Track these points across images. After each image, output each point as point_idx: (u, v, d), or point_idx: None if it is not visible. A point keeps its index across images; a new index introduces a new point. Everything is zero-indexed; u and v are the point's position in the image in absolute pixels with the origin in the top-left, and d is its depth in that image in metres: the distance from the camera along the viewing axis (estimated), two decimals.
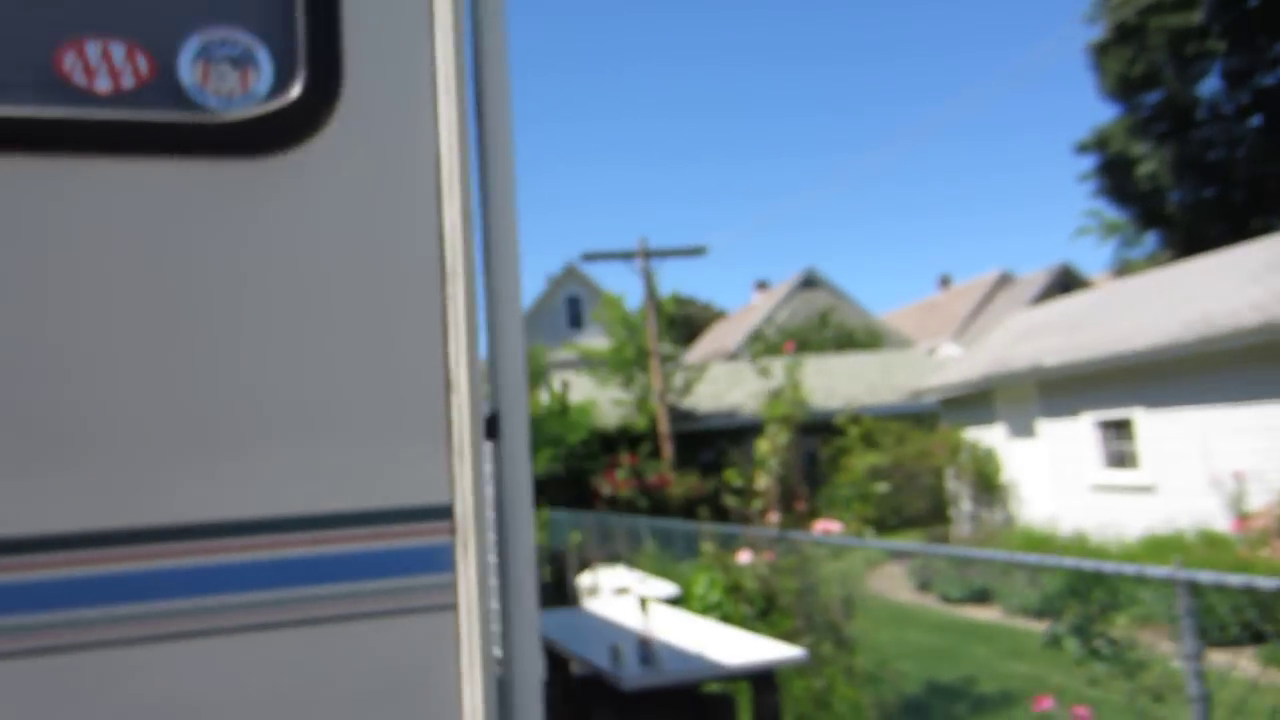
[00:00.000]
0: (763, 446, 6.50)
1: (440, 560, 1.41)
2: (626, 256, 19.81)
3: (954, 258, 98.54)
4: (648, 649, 4.55)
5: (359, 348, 1.44)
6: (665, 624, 5.62)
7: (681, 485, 18.77)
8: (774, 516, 5.87)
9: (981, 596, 10.10)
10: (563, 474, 19.93)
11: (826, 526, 5.53)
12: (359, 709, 1.36)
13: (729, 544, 6.71)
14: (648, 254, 19.75)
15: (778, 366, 6.68)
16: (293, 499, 1.37)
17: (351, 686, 1.36)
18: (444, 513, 1.43)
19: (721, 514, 8.16)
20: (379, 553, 1.40)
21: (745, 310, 41.34)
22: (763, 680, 4.78)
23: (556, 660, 6.27)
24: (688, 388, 21.05)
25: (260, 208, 1.43)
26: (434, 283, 1.47)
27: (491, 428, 1.73)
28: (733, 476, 7.18)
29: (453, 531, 1.42)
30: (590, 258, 20.34)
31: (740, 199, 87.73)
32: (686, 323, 46.55)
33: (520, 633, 1.63)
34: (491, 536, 1.72)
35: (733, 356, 29.46)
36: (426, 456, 1.43)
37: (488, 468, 1.80)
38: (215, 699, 1.32)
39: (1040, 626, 7.70)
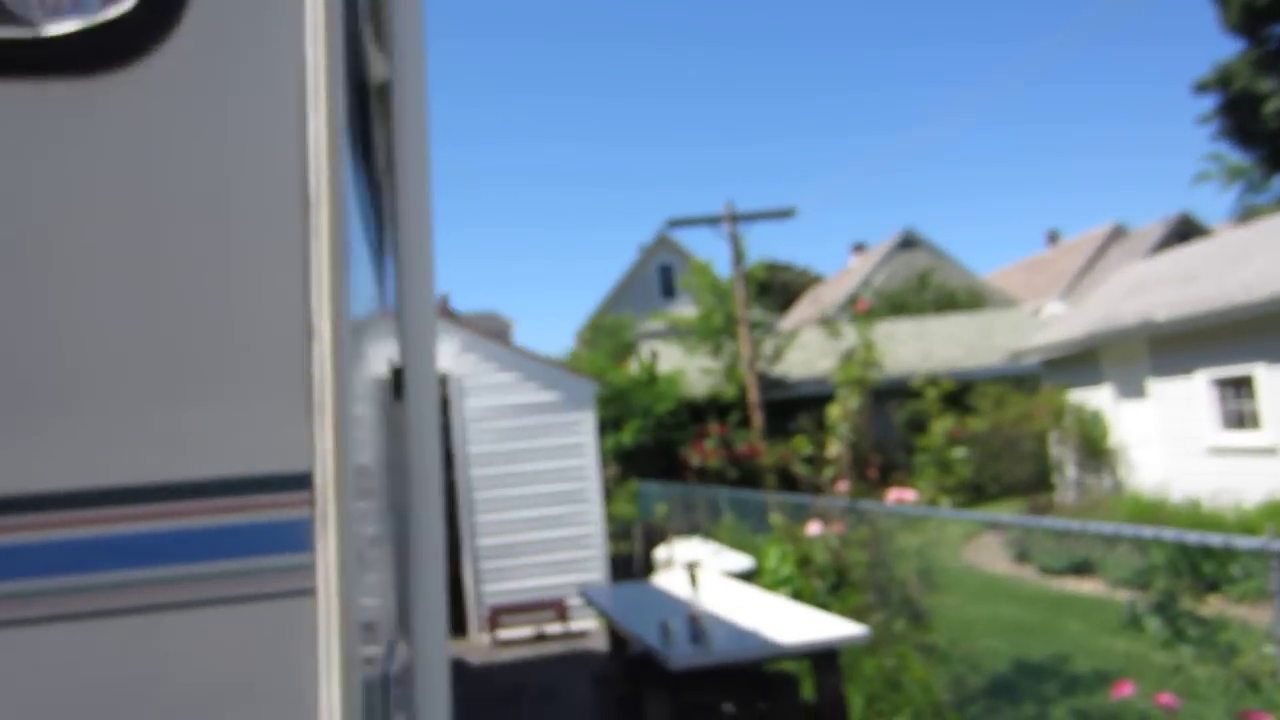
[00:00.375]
0: (834, 412, 6.15)
1: (295, 538, 1.20)
2: (713, 221, 19.41)
3: (1063, 212, 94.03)
4: (697, 627, 4.32)
5: (203, 290, 1.22)
6: (728, 599, 5.38)
7: (772, 454, 18.39)
8: (843, 486, 5.54)
9: (1083, 568, 9.51)
10: (651, 444, 19.80)
11: (900, 495, 5.17)
12: (194, 711, 1.16)
13: (800, 515, 6.41)
14: (735, 218, 19.29)
15: (859, 328, 6.37)
16: (116, 467, 1.17)
17: (185, 685, 1.16)
18: (300, 482, 1.21)
19: (793, 483, 7.85)
20: (220, 529, 1.19)
21: (842, 274, 40.36)
22: (824, 659, 4.50)
23: (618, 637, 6.11)
24: (778, 355, 20.60)
25: (91, 134, 1.23)
26: (295, 214, 1.25)
27: (397, 385, 1.52)
28: (802, 444, 6.85)
29: (311, 504, 1.20)
30: (677, 224, 20.00)
31: (837, 161, 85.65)
32: (783, 289, 45.69)
33: (426, 622, 1.42)
34: (421, 526, 1.51)
35: (829, 321, 28.71)
36: (280, 416, 1.21)
37: (385, 430, 1.58)
38: (21, 700, 1.13)
39: (1146, 601, 7.16)
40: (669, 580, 6.84)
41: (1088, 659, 6.08)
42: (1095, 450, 14.05)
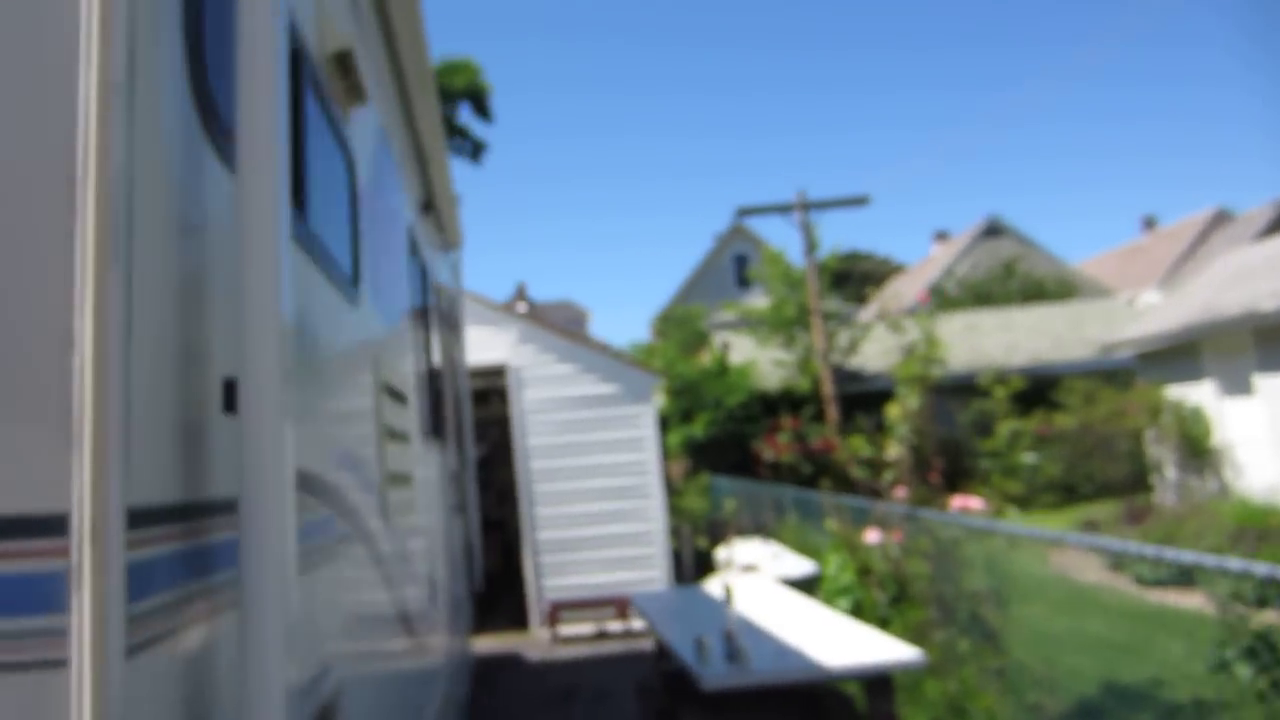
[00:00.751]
0: (892, 411, 5.66)
1: (43, 595, 0.93)
2: (784, 209, 18.83)
3: (1161, 196, 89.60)
4: (733, 644, 3.94)
5: None
6: (777, 611, 4.98)
7: (846, 450, 17.76)
8: (902, 492, 5.06)
9: (1185, 579, 8.75)
10: (722, 437, 19.33)
11: (963, 503, 4.69)
12: None
13: (859, 520, 5.94)
14: (806, 206, 18.69)
15: (920, 321, 5.82)
16: None
17: None
18: (52, 526, 0.94)
19: (853, 485, 7.28)
20: None
21: (924, 263, 39.14)
22: (877, 683, 4.08)
23: (663, 645, 5.77)
24: (853, 347, 19.91)
25: None
26: (57, 193, 0.96)
27: (229, 398, 1.20)
28: (859, 445, 6.37)
29: (66, 553, 0.93)
30: (746, 212, 19.49)
31: (916, 149, 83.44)
32: (863, 278, 44.53)
33: (258, 693, 1.09)
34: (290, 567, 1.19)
35: (910, 313, 27.78)
36: (28, 443, 0.95)
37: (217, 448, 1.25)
38: None
39: (1261, 618, 6.45)
40: (718, 585, 6.46)
41: (1188, 686, 5.47)
42: (1196, 450, 13.08)
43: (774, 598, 5.39)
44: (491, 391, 10.92)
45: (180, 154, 1.18)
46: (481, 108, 20.17)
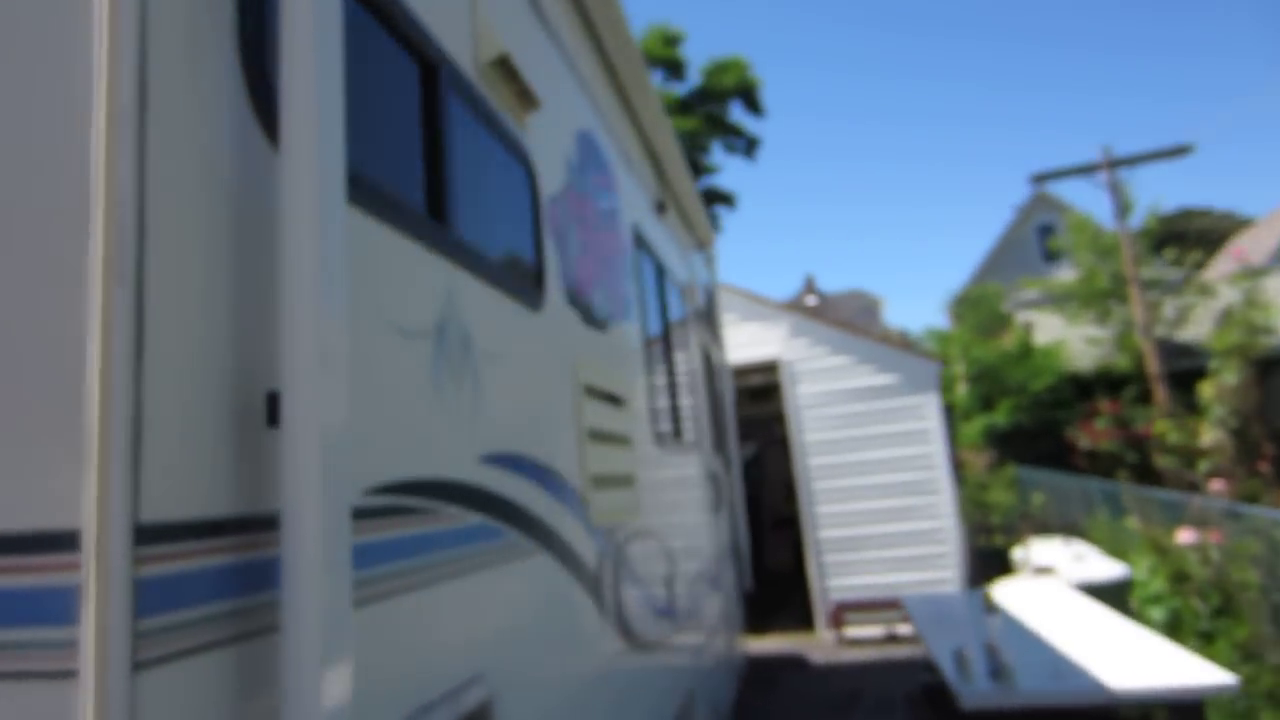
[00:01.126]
0: (1206, 390, 4.77)
1: (53, 608, 0.96)
2: (1087, 170, 16.94)
3: None
4: (995, 659, 3.52)
5: None
6: (1066, 621, 4.41)
7: (1179, 435, 15.61)
8: (1219, 484, 4.22)
9: None
10: (1030, 425, 17.78)
11: None
12: None
13: (1171, 516, 5.08)
14: (1113, 163, 16.68)
15: (1237, 283, 4.77)
16: None
17: None
18: (63, 541, 0.97)
19: (1157, 476, 6.22)
20: None
21: (1277, 214, 33.57)
22: (1183, 711, 3.46)
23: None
24: (1183, 317, 17.48)
25: None
26: (74, 214, 0.99)
27: (272, 411, 1.18)
28: (1165, 429, 5.45)
29: (78, 568, 0.96)
30: (1043, 178, 17.75)
31: (1258, 83, 71.85)
32: (1199, 237, 38.99)
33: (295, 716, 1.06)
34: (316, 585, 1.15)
35: (1259, 273, 23.87)
36: (40, 462, 0.98)
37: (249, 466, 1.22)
38: None
39: None
40: (1013, 589, 5.87)
41: None
42: None
43: (1063, 606, 4.79)
44: (770, 387, 10.86)
45: (233, 158, 1.18)
46: (752, 104, 20.12)
